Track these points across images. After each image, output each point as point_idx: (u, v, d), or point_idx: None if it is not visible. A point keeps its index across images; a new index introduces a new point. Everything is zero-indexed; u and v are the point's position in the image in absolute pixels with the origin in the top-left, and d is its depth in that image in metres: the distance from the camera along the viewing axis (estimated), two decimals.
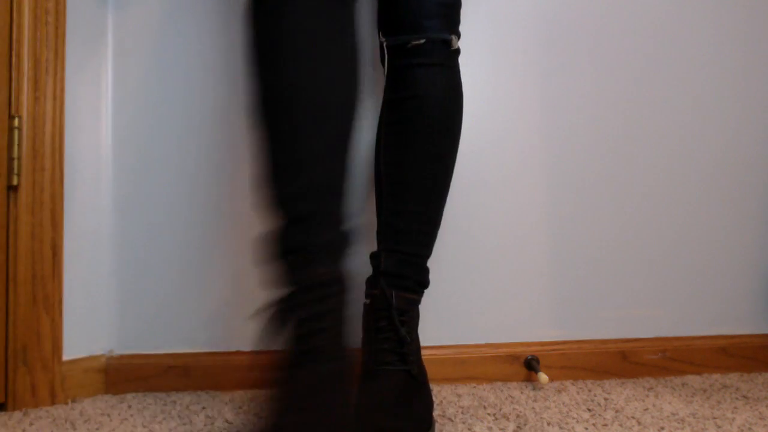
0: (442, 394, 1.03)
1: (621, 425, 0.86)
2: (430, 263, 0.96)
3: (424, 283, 0.94)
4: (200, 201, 1.13)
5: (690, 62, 1.21)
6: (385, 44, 0.95)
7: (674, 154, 1.21)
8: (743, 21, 1.23)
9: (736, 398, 1.00)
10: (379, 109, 1.01)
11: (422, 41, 0.93)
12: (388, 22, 0.95)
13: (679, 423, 0.87)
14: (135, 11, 1.13)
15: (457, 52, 0.97)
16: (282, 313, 0.69)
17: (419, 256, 0.94)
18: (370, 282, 0.93)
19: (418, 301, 0.94)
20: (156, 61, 1.13)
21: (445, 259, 1.15)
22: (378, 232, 0.96)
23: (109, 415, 0.93)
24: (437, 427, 0.86)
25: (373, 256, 0.94)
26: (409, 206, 0.93)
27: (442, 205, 0.96)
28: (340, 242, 0.74)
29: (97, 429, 0.86)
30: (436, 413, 0.92)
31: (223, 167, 1.13)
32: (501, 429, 0.85)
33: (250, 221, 1.12)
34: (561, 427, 0.85)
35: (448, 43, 0.94)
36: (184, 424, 0.88)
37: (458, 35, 0.96)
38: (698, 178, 1.21)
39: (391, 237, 0.93)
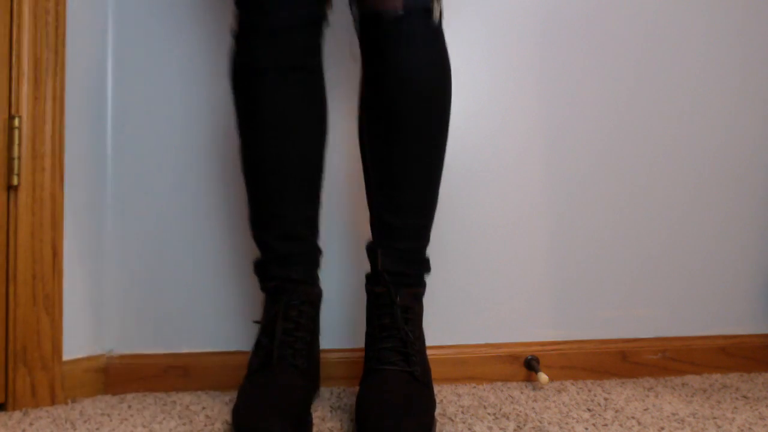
0: (442, 394, 1.03)
1: (621, 425, 0.86)
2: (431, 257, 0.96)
3: (426, 271, 0.92)
4: (200, 201, 1.13)
5: (688, 58, 1.21)
6: (357, 17, 0.86)
7: (674, 152, 1.21)
8: (740, 19, 1.23)
9: (736, 398, 1.00)
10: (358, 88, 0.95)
11: (400, 12, 0.81)
12: None
13: (679, 423, 0.87)
14: (135, 11, 1.13)
15: (440, 20, 0.85)
16: (265, 327, 0.87)
17: (416, 250, 0.91)
18: (371, 279, 0.91)
19: (422, 294, 0.91)
20: (156, 61, 1.13)
21: (444, 260, 1.15)
22: (371, 223, 0.92)
23: (109, 415, 0.93)
24: (437, 426, 0.86)
25: (370, 251, 0.91)
26: (401, 200, 0.88)
27: (435, 194, 0.91)
28: (309, 269, 0.91)
29: (97, 429, 0.86)
30: (436, 412, 0.92)
31: (223, 167, 1.13)
32: (501, 429, 0.85)
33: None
34: (561, 427, 0.85)
35: (429, 12, 0.83)
36: (184, 424, 0.88)
37: (439, 1, 0.85)
38: (698, 178, 1.21)
39: (386, 233, 0.89)
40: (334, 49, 1.13)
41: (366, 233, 1.14)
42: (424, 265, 0.92)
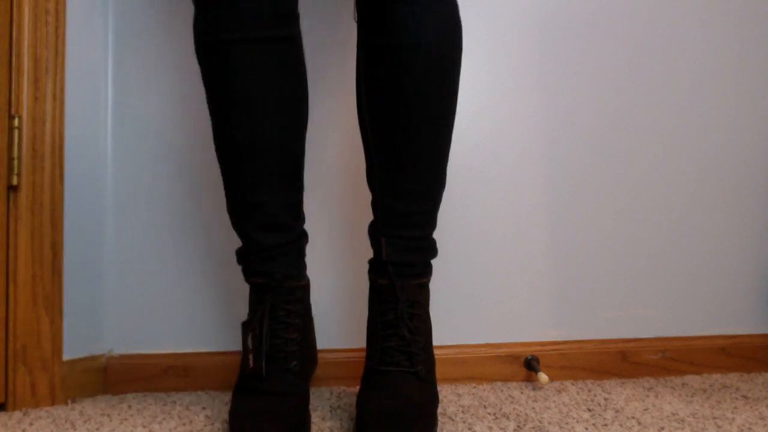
0: (442, 394, 1.03)
1: (621, 425, 0.86)
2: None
3: (433, 257, 0.88)
4: (200, 201, 1.13)
5: (688, 58, 1.21)
6: None
7: (674, 152, 1.21)
8: (739, 20, 1.23)
9: (736, 398, 1.00)
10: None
11: None
12: None
13: (679, 423, 0.87)
14: (135, 11, 1.13)
15: None
16: (253, 330, 0.81)
17: (423, 237, 0.86)
18: (374, 267, 0.86)
19: (428, 281, 0.87)
20: (156, 61, 1.13)
21: (444, 260, 1.14)
22: (374, 207, 0.87)
23: (109, 415, 0.93)
24: (438, 426, 0.86)
25: (373, 235, 0.86)
26: (407, 184, 0.82)
27: (443, 174, 0.85)
28: (294, 259, 0.85)
29: (97, 429, 0.86)
30: (437, 411, 0.92)
31: None
32: (501, 429, 0.85)
33: None
34: (561, 427, 0.85)
35: None
36: (184, 424, 0.88)
37: None
38: (698, 177, 1.21)
39: (390, 219, 0.84)
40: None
41: (366, 228, 1.14)
42: (431, 252, 0.87)
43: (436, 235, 0.91)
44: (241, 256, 0.86)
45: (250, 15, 0.74)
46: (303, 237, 0.88)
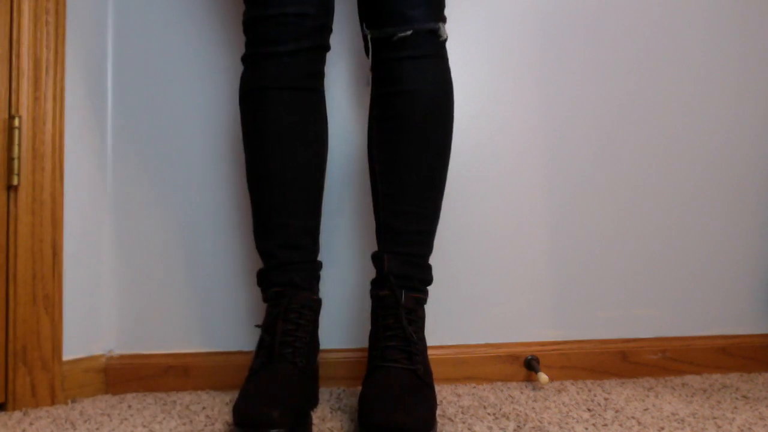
0: (442, 394, 1.03)
1: (621, 425, 0.86)
2: (431, 262, 0.96)
3: (428, 281, 0.95)
4: (200, 201, 1.13)
5: (688, 58, 1.21)
6: (369, 37, 0.93)
7: (674, 152, 1.21)
8: (739, 18, 1.23)
9: (736, 398, 1.00)
10: (368, 100, 1.01)
11: (409, 33, 0.89)
12: (370, 12, 0.93)
13: (679, 423, 0.87)
14: (135, 11, 1.13)
15: (445, 39, 0.94)
16: (266, 328, 0.90)
17: (420, 255, 0.94)
18: (376, 284, 0.93)
19: (425, 300, 0.94)
20: (156, 61, 1.13)
21: (444, 259, 1.15)
22: (377, 232, 0.96)
23: (109, 415, 0.93)
24: (437, 427, 0.86)
25: (376, 258, 0.94)
26: (406, 206, 0.93)
27: (439, 201, 0.95)
28: (310, 278, 0.94)
29: (97, 429, 0.86)
30: (436, 413, 0.92)
31: (223, 167, 1.13)
32: (501, 429, 0.85)
33: (250, 222, 1.12)
34: (561, 427, 0.85)
35: (435, 33, 0.91)
36: (184, 424, 0.88)
37: (445, 21, 0.93)
38: (699, 178, 1.21)
39: (391, 238, 0.93)
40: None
41: (366, 237, 1.14)
42: (427, 273, 0.95)
43: (436, 235, 0.94)
44: (261, 275, 0.95)
45: (288, 68, 0.91)
46: (318, 263, 0.97)
